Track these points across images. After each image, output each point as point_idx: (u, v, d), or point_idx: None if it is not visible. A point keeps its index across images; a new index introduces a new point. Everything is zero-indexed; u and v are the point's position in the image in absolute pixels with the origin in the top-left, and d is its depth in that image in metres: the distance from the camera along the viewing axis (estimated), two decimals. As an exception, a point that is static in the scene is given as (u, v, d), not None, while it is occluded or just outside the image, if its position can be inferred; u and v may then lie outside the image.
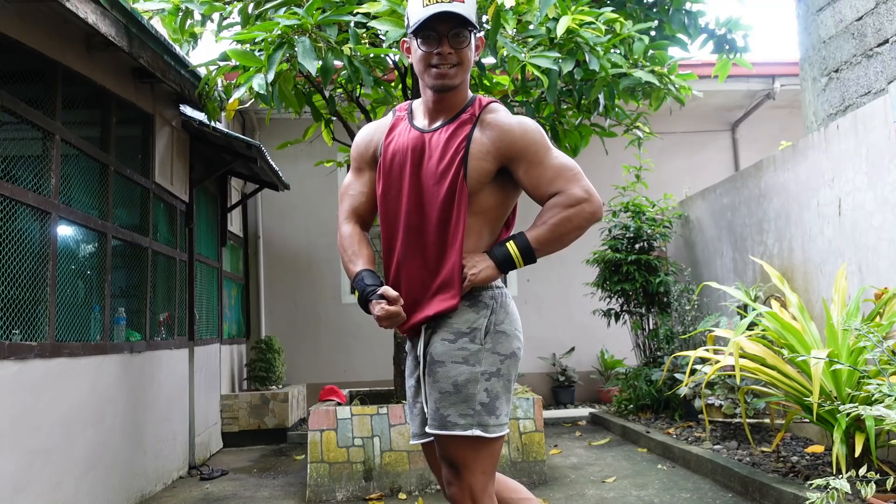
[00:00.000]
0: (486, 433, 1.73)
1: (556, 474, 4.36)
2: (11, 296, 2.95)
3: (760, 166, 4.97)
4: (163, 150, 4.75)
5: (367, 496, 3.99)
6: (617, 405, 6.30)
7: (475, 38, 1.85)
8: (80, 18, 3.04)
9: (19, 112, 3.03)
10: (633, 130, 4.83)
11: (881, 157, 3.62)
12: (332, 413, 4.08)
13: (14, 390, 2.86)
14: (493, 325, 1.81)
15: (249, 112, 7.54)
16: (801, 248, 4.42)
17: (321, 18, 3.19)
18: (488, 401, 1.75)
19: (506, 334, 1.83)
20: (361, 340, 7.55)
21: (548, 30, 3.54)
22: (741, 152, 8.35)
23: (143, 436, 4.17)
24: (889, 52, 4.03)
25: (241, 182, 7.18)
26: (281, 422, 6.06)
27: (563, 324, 7.83)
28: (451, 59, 1.80)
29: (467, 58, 1.83)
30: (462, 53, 1.81)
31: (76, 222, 3.57)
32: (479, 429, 1.73)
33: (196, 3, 3.95)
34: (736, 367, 3.38)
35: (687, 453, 4.34)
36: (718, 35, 4.83)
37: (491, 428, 1.74)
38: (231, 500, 4.13)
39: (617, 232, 6.38)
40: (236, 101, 3.58)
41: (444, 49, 1.79)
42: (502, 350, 1.81)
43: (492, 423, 1.74)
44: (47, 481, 3.07)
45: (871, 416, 2.41)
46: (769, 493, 3.34)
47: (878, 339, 2.57)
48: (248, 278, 7.56)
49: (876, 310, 3.28)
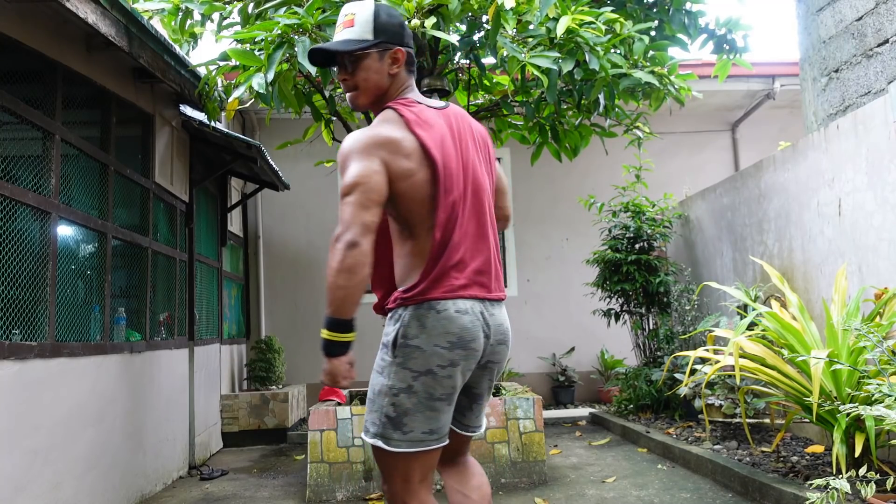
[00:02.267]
0: (387, 446, 1.73)
1: (556, 474, 4.36)
2: (11, 296, 2.95)
3: (760, 166, 4.97)
4: (163, 150, 4.75)
5: (367, 496, 3.99)
6: (617, 405, 6.30)
7: (378, 56, 1.85)
8: (80, 18, 3.04)
9: (19, 112, 3.03)
10: (633, 130, 4.83)
11: (881, 157, 3.63)
12: (332, 413, 4.08)
13: (14, 390, 2.86)
14: (403, 339, 1.74)
15: (249, 112, 7.55)
16: (801, 248, 4.42)
17: (321, 18, 3.19)
18: (395, 416, 1.73)
19: (420, 349, 1.72)
20: (361, 340, 7.44)
21: (548, 30, 3.54)
22: (741, 152, 8.36)
23: (143, 436, 4.17)
24: (889, 52, 4.03)
25: (241, 182, 7.18)
26: (281, 422, 6.06)
27: (563, 324, 7.83)
28: (346, 84, 1.90)
29: (362, 79, 1.86)
30: (354, 79, 1.87)
31: (76, 222, 3.57)
32: (382, 440, 1.73)
33: (196, 3, 3.95)
34: (736, 367, 3.38)
35: (687, 453, 4.34)
36: (718, 35, 4.83)
37: (394, 442, 1.72)
38: (231, 500, 4.13)
39: (617, 232, 6.38)
40: (236, 100, 3.59)
41: (339, 76, 1.91)
42: (415, 366, 1.72)
43: (395, 437, 1.72)
44: (47, 481, 3.07)
45: (871, 416, 2.42)
46: (769, 493, 3.34)
47: (878, 339, 2.57)
48: (248, 278, 7.56)
49: (876, 310, 3.28)
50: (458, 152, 1.85)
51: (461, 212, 1.80)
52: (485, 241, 1.86)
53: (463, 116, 1.96)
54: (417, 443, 1.73)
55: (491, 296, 1.84)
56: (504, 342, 1.89)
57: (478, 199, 1.86)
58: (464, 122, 1.94)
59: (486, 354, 1.84)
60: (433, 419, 1.75)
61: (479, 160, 1.92)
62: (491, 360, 1.88)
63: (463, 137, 1.90)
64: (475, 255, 1.81)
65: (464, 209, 1.81)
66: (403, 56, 1.88)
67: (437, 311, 1.73)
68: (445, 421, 1.79)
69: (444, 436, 1.79)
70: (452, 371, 1.74)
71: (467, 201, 1.83)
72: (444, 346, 1.72)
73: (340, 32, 1.88)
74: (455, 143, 1.86)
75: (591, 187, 7.60)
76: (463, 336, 1.74)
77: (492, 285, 1.85)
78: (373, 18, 1.86)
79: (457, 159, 1.83)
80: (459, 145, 1.87)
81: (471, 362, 1.78)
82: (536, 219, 8.10)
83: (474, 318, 1.77)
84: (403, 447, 1.73)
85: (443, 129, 1.84)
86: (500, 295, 1.89)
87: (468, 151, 1.89)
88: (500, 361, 1.92)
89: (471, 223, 1.82)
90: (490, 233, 1.89)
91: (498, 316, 1.86)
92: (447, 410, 1.78)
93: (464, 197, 1.82)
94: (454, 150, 1.84)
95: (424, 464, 1.77)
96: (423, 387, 1.73)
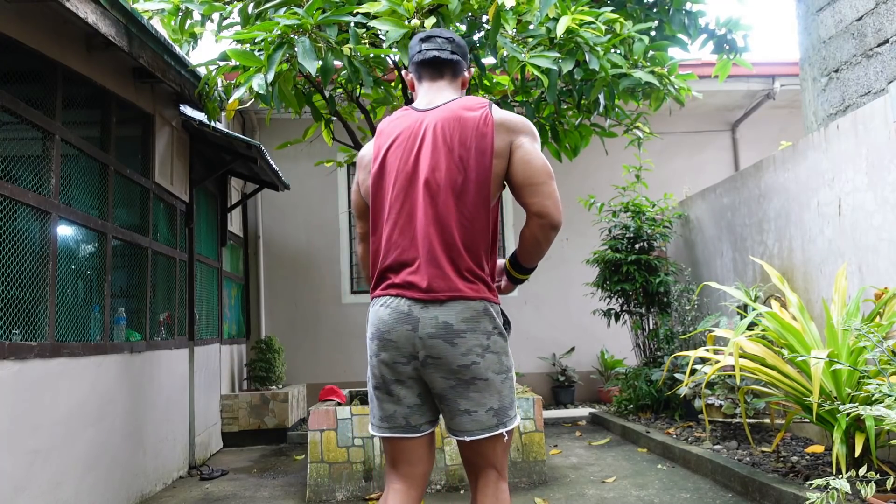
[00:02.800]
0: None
1: (556, 474, 4.36)
2: (11, 296, 2.95)
3: (760, 166, 4.97)
4: (163, 150, 4.75)
5: (367, 496, 3.99)
6: (617, 405, 6.30)
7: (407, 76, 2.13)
8: (80, 18, 3.04)
9: (19, 112, 3.03)
10: (633, 130, 4.83)
11: (881, 157, 3.62)
12: (332, 413, 4.08)
13: (14, 390, 2.86)
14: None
15: (249, 112, 7.55)
16: (801, 248, 4.42)
17: (321, 18, 3.19)
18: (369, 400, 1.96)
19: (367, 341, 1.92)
20: (361, 340, 7.53)
21: (548, 30, 3.54)
22: (741, 152, 8.36)
23: (143, 436, 4.17)
24: (889, 52, 4.03)
25: (241, 182, 7.18)
26: (281, 422, 6.06)
27: (563, 324, 7.83)
28: None
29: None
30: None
31: (76, 222, 3.57)
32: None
33: (196, 3, 3.95)
34: (736, 367, 3.38)
35: (687, 453, 4.34)
36: (718, 35, 4.83)
37: (369, 425, 1.96)
38: (231, 500, 4.13)
39: (617, 232, 6.38)
40: (236, 101, 3.58)
41: None
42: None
43: (370, 420, 1.95)
44: (47, 481, 3.07)
45: (870, 416, 2.41)
46: (769, 493, 3.34)
47: (878, 339, 2.57)
48: (248, 278, 7.56)
49: (876, 310, 3.28)
50: (403, 153, 1.87)
51: (393, 213, 1.86)
52: (421, 240, 1.81)
53: (447, 111, 1.89)
54: (373, 428, 1.94)
55: (422, 296, 1.79)
56: (438, 336, 1.77)
57: (414, 198, 1.83)
58: (441, 118, 1.87)
59: (418, 348, 1.80)
60: (375, 408, 1.92)
61: (443, 156, 1.82)
62: (430, 356, 1.79)
63: (424, 136, 1.86)
64: (403, 254, 1.84)
65: (398, 210, 1.85)
66: (407, 77, 2.10)
67: (371, 306, 1.91)
68: (393, 413, 1.87)
69: (397, 427, 1.88)
70: (375, 361, 1.88)
71: (401, 202, 1.85)
72: (369, 338, 1.89)
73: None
74: (404, 143, 1.88)
75: (591, 187, 7.59)
76: (379, 328, 1.85)
77: (426, 284, 1.78)
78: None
79: (399, 161, 1.87)
80: (409, 144, 1.87)
81: (392, 354, 1.84)
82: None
83: (394, 312, 1.82)
84: (372, 430, 1.96)
85: (397, 132, 1.91)
86: (434, 296, 1.78)
87: (421, 150, 1.84)
88: (442, 357, 1.78)
89: (407, 224, 1.84)
90: (431, 231, 1.80)
91: (433, 310, 1.78)
92: (387, 401, 1.88)
93: (399, 198, 1.85)
94: (400, 153, 1.88)
95: (391, 449, 1.91)
96: (370, 374, 1.93)
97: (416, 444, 1.88)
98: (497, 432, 1.82)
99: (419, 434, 1.87)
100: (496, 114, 1.87)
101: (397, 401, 1.85)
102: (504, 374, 1.84)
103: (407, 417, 1.85)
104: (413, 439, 1.87)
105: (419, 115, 1.93)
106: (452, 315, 1.77)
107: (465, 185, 1.82)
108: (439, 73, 2.00)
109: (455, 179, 1.82)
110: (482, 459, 1.86)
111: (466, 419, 1.81)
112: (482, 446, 1.84)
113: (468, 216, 1.82)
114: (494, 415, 1.81)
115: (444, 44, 2.00)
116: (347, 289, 7.82)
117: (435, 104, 1.94)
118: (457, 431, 1.84)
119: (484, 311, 1.81)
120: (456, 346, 1.77)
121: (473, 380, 1.79)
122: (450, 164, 1.82)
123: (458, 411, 1.82)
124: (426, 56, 1.99)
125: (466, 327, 1.78)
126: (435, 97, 1.97)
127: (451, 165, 1.82)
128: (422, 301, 1.78)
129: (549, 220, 1.83)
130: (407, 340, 1.79)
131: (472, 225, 1.82)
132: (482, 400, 1.80)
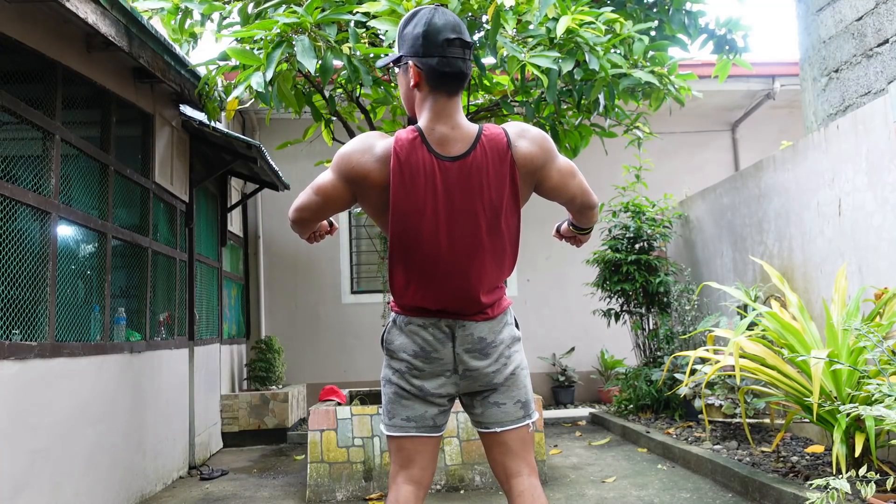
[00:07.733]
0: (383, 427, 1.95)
1: (556, 474, 4.36)
2: (11, 296, 2.95)
3: (760, 166, 4.97)
4: (163, 150, 4.75)
5: (367, 496, 3.99)
6: (617, 405, 6.30)
7: (403, 72, 1.80)
8: (80, 18, 3.04)
9: (19, 112, 3.03)
10: (633, 130, 4.83)
11: (881, 157, 3.62)
12: (332, 413, 4.08)
13: (14, 390, 2.86)
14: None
15: (249, 112, 7.55)
16: (801, 248, 4.42)
17: (320, 17, 3.19)
18: (384, 404, 1.94)
19: (385, 354, 1.93)
20: (362, 340, 7.55)
21: (548, 30, 3.54)
22: (741, 152, 8.36)
23: (143, 436, 4.17)
24: (889, 52, 4.03)
25: (241, 182, 7.18)
26: (281, 422, 6.06)
27: (563, 324, 7.83)
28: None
29: (401, 97, 1.88)
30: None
31: (76, 222, 3.57)
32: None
33: (196, 3, 3.95)
34: (736, 367, 3.38)
35: (687, 453, 4.34)
36: (718, 35, 4.83)
37: (383, 425, 1.94)
38: (231, 500, 4.13)
39: (617, 232, 6.38)
40: (236, 100, 3.59)
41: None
42: (384, 365, 1.95)
43: (384, 420, 1.93)
44: (47, 481, 3.07)
45: (871, 416, 2.41)
46: (769, 493, 3.34)
47: (878, 339, 2.57)
48: (248, 278, 7.56)
49: (876, 310, 3.28)
50: (427, 212, 1.76)
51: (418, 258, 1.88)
52: (456, 290, 1.88)
53: (474, 168, 1.73)
54: (390, 429, 1.93)
55: (458, 319, 1.88)
56: (475, 350, 1.90)
57: (448, 256, 1.84)
58: (468, 174, 1.72)
59: (458, 363, 1.92)
60: (396, 415, 1.94)
61: (477, 214, 1.76)
62: (467, 369, 1.94)
63: (451, 196, 1.74)
64: (439, 298, 1.89)
65: (425, 258, 1.86)
66: (416, 71, 1.71)
67: (395, 322, 1.96)
68: (423, 413, 1.89)
69: (424, 427, 1.90)
70: (410, 375, 1.92)
71: (432, 258, 1.86)
72: (410, 355, 1.90)
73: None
74: (428, 201, 1.75)
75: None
76: (424, 347, 1.89)
77: (459, 308, 1.87)
78: (400, 28, 1.78)
79: (425, 219, 1.79)
80: (432, 205, 1.75)
81: (434, 367, 1.91)
82: (537, 219, 8.05)
83: (435, 330, 1.90)
84: (387, 431, 1.95)
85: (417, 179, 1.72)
86: (469, 318, 1.87)
87: (452, 212, 1.75)
88: (479, 368, 1.92)
89: (437, 277, 1.85)
90: (467, 285, 1.82)
91: (469, 328, 1.90)
92: (420, 404, 1.90)
93: (430, 254, 1.87)
94: (422, 207, 1.77)
95: (410, 449, 1.90)
96: (385, 385, 1.97)
97: (435, 443, 1.92)
98: (524, 423, 1.89)
99: (439, 433, 1.93)
100: (517, 153, 1.75)
101: (430, 404, 1.88)
102: (525, 369, 1.96)
103: (434, 417, 1.89)
104: (434, 438, 1.91)
105: (441, 169, 1.71)
106: (486, 329, 1.87)
107: (497, 235, 1.79)
108: (458, 89, 1.74)
109: (482, 233, 1.77)
110: (512, 456, 1.88)
111: (497, 411, 1.88)
112: (512, 440, 1.88)
113: (499, 254, 1.83)
114: (521, 407, 1.89)
115: (467, 53, 1.73)
116: (347, 289, 7.83)
117: (455, 153, 1.73)
118: (488, 424, 1.90)
119: (506, 314, 1.93)
120: (489, 356, 1.87)
121: (505, 379, 1.89)
122: (480, 219, 1.76)
123: (488, 404, 1.89)
124: (454, 68, 1.71)
125: (497, 338, 1.88)
126: (452, 131, 1.73)
127: (481, 221, 1.76)
128: (458, 321, 1.86)
129: (590, 208, 2.05)
130: (448, 356, 1.86)
131: (503, 260, 1.86)
132: (511, 393, 1.89)
